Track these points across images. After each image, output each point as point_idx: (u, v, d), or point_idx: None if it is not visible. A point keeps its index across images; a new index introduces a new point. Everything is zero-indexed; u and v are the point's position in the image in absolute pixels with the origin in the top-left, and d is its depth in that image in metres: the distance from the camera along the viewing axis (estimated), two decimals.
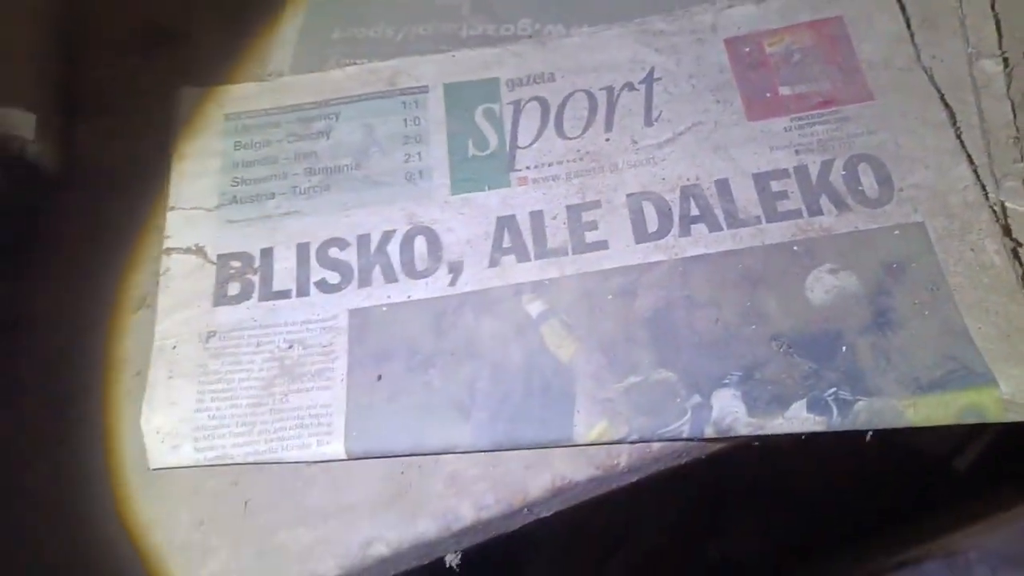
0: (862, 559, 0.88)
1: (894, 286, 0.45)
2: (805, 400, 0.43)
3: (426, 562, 0.45)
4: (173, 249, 0.52)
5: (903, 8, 0.53)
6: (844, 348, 0.44)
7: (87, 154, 0.58)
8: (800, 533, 0.94)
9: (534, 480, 0.44)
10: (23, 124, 0.55)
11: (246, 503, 0.45)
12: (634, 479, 0.45)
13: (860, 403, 0.43)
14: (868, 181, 0.48)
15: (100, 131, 0.58)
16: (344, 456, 0.45)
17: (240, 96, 0.58)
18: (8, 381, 0.51)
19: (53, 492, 0.47)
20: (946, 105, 0.50)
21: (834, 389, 0.43)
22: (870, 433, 0.43)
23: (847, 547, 0.91)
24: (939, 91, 0.50)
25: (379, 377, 0.47)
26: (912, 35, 0.52)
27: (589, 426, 0.44)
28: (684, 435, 0.43)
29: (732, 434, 0.43)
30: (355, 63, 0.58)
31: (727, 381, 0.44)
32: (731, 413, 0.43)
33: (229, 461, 0.46)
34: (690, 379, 0.44)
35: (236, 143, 0.56)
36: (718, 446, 0.45)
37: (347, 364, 0.47)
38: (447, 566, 0.46)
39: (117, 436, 0.48)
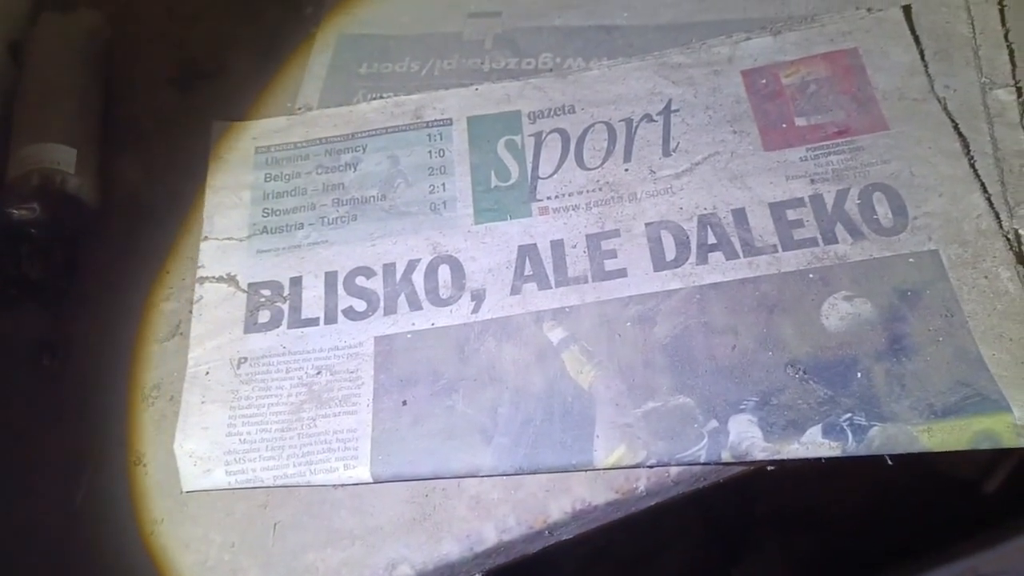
0: None
1: (909, 313, 0.46)
2: (821, 425, 0.44)
3: None
4: (206, 278, 0.54)
5: (917, 40, 0.54)
6: (859, 374, 0.45)
7: (124, 186, 0.60)
8: (824, 559, 0.94)
9: (555, 503, 0.45)
10: (64, 158, 0.58)
11: (275, 525, 0.47)
12: (652, 503, 0.46)
13: (875, 428, 0.43)
14: (883, 210, 0.49)
15: (137, 164, 0.61)
16: (370, 480, 0.46)
17: (270, 129, 0.60)
18: (47, 404, 0.53)
19: (91, 513, 0.49)
20: (960, 134, 0.50)
21: (849, 415, 0.44)
22: (889, 458, 0.43)
23: (873, 573, 0.90)
24: (953, 121, 0.51)
25: (404, 402, 0.48)
26: (926, 66, 0.53)
27: (608, 451, 0.45)
28: (701, 460, 0.44)
29: (748, 459, 0.44)
30: (381, 97, 0.60)
31: (744, 406, 0.45)
32: (748, 438, 0.44)
33: (259, 484, 0.47)
34: (707, 404, 0.45)
35: (267, 175, 0.58)
36: (736, 471, 0.46)
37: (373, 390, 0.49)
38: None
39: (151, 459, 0.49)
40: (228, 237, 0.55)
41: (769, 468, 0.45)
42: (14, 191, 0.56)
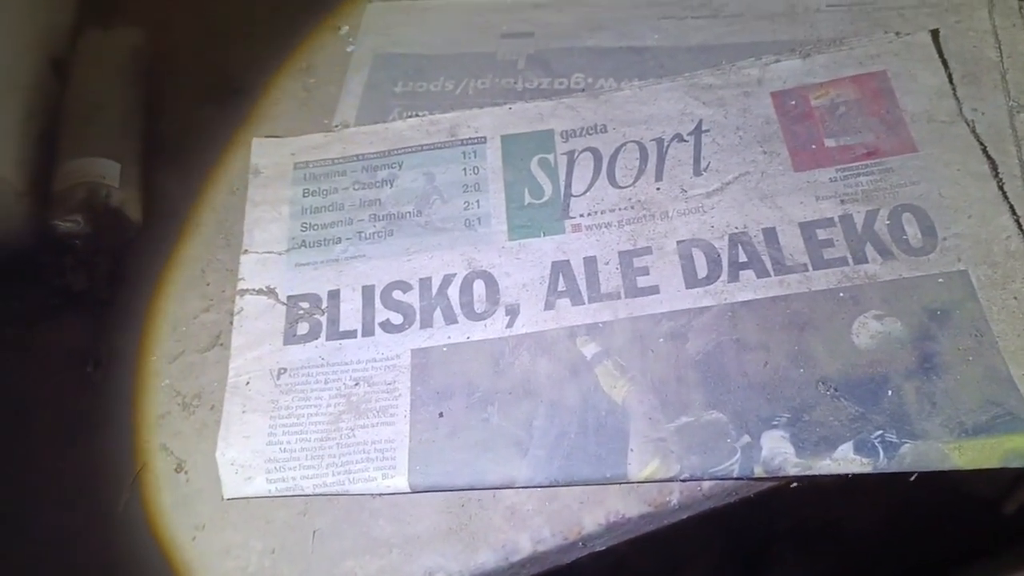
0: None
1: (938, 332, 0.46)
2: (852, 442, 0.44)
3: None
4: (246, 290, 0.55)
5: (945, 63, 0.55)
6: (890, 392, 0.46)
7: (165, 200, 0.62)
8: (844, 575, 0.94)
9: (588, 515, 0.46)
10: (109, 172, 0.59)
11: (314, 532, 0.48)
12: (685, 516, 0.46)
13: (906, 446, 0.44)
14: (912, 230, 0.50)
15: (177, 179, 0.62)
16: (408, 489, 0.47)
17: (308, 146, 0.61)
18: (90, 412, 0.54)
19: (133, 519, 0.50)
20: (988, 157, 0.51)
21: (880, 432, 0.44)
22: (915, 475, 0.44)
23: None
24: (981, 143, 0.52)
25: (440, 414, 0.49)
26: (954, 89, 0.54)
27: (642, 464, 0.46)
28: (734, 474, 0.45)
29: (781, 474, 0.45)
30: (417, 115, 0.61)
31: (776, 422, 0.46)
32: (780, 454, 0.45)
33: (299, 492, 0.48)
34: (740, 420, 0.46)
35: (305, 190, 0.59)
36: (767, 486, 0.46)
37: (410, 401, 0.50)
38: None
39: (192, 467, 0.50)
40: (268, 251, 0.57)
41: (793, 485, 0.45)
42: (60, 204, 0.58)
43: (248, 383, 0.52)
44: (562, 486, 0.47)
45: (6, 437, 0.54)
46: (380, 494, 0.48)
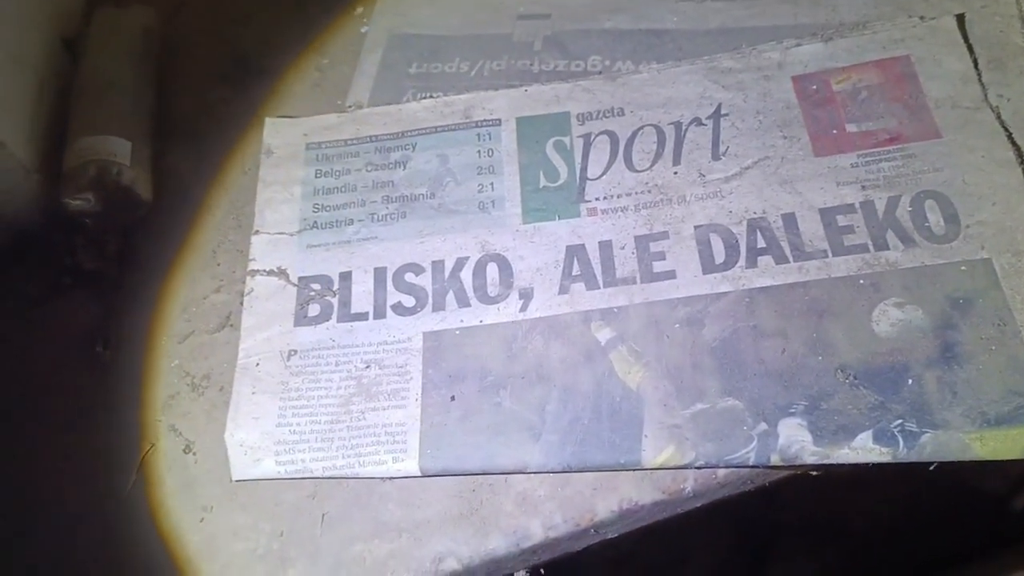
0: None
1: (960, 321, 0.45)
2: (871, 431, 0.43)
3: None
4: (257, 271, 0.55)
5: (971, 48, 0.54)
6: (910, 381, 0.45)
7: (176, 180, 0.61)
8: (852, 570, 0.93)
9: (601, 502, 0.45)
10: (120, 150, 0.58)
11: (323, 516, 0.47)
12: (698, 504, 0.45)
13: (926, 435, 0.43)
14: (935, 217, 0.49)
15: (189, 158, 0.61)
16: (418, 473, 0.47)
17: (321, 126, 0.60)
18: (99, 392, 0.53)
19: (141, 499, 0.49)
20: (1014, 143, 0.50)
21: (900, 421, 0.43)
22: (934, 465, 0.43)
23: None
24: (1006, 130, 0.51)
25: (452, 398, 0.48)
26: (979, 74, 0.53)
27: (656, 451, 0.45)
28: (750, 462, 0.44)
29: (798, 463, 0.44)
30: (431, 96, 0.60)
31: (793, 410, 0.45)
32: (797, 442, 0.44)
33: (308, 475, 0.48)
34: (757, 407, 0.45)
35: (317, 171, 0.58)
36: (782, 474, 0.46)
37: (421, 384, 0.49)
38: None
39: (201, 448, 0.50)
40: (279, 231, 0.56)
41: (814, 473, 0.44)
42: (70, 182, 0.57)
43: (258, 364, 0.51)
44: (574, 472, 0.46)
45: (15, 417, 0.53)
46: (390, 478, 0.47)
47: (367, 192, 0.57)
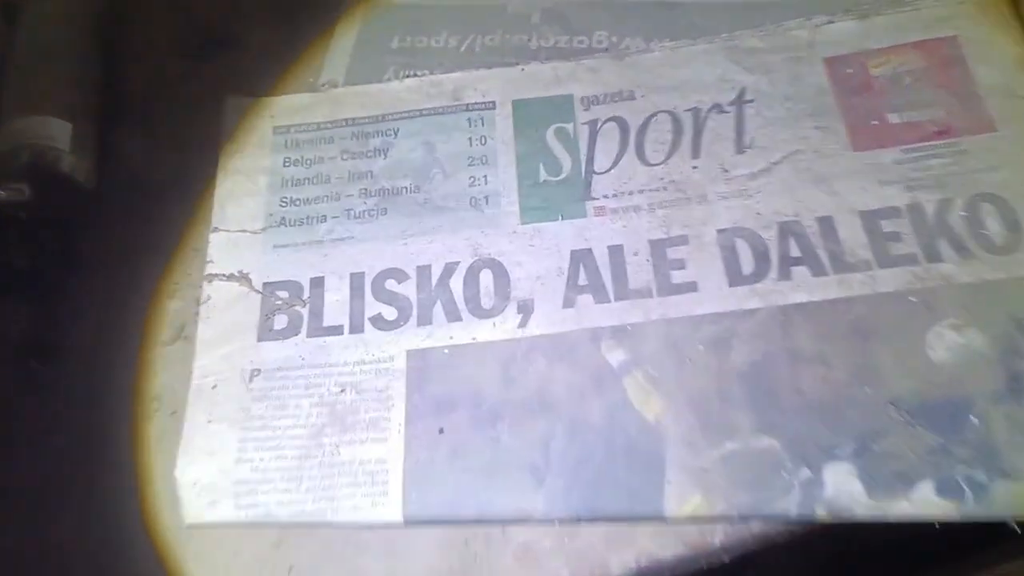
0: None
1: None
2: (933, 480, 0.36)
3: None
4: (215, 275, 0.46)
5: None
6: (973, 418, 0.37)
7: (125, 167, 0.52)
8: None
9: (616, 557, 0.38)
10: (58, 134, 0.50)
11: (291, 568, 0.39)
12: (728, 559, 0.38)
13: (998, 486, 0.35)
14: (993, 224, 0.41)
15: (140, 143, 0.53)
16: (401, 521, 0.39)
17: (291, 107, 0.52)
18: (36, 416, 0.45)
19: (80, 546, 0.41)
20: None
21: (965, 467, 0.36)
22: (1013, 525, 0.35)
23: None
24: None
25: (440, 430, 0.41)
26: None
27: (682, 499, 0.37)
28: (792, 515, 0.36)
29: (848, 517, 0.36)
30: (416, 75, 0.52)
31: (840, 453, 0.37)
32: (846, 492, 0.36)
33: (273, 521, 0.40)
34: (796, 448, 0.38)
35: (286, 159, 0.50)
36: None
37: (405, 413, 0.41)
38: None
39: (150, 486, 0.41)
40: (241, 229, 0.47)
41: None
42: (1, 169, 0.48)
43: (215, 387, 0.43)
44: (585, 522, 0.38)
45: None
46: (369, 526, 0.39)
47: (342, 184, 0.48)
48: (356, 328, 0.44)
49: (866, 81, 0.47)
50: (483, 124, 0.49)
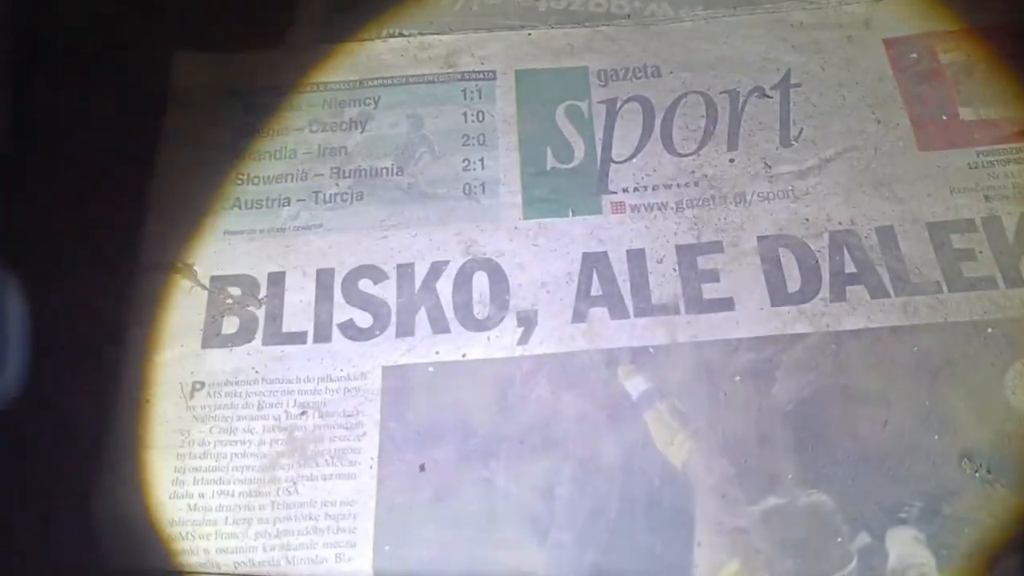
0: None
1: None
2: (1017, 551, 0.31)
3: None
4: (153, 265, 0.41)
5: None
6: None
7: (49, 129, 0.46)
8: None
9: None
10: None
11: None
12: None
13: None
14: None
15: (68, 103, 0.47)
16: None
17: (251, 67, 0.47)
18: None
19: None
20: None
21: None
22: None
23: None
24: None
25: (421, 467, 0.36)
26: None
27: (715, 565, 0.34)
28: None
29: None
30: (401, 35, 0.47)
31: (905, 515, 0.34)
32: (914, 565, 0.32)
33: (215, 572, 0.35)
34: (853, 508, 0.34)
35: (243, 127, 0.45)
36: None
37: (379, 444, 0.37)
38: None
39: (62, 523, 0.36)
40: (187, 210, 0.43)
41: None
42: None
43: (147, 402, 0.37)
44: None
45: None
46: None
47: (311, 161, 0.44)
48: (322, 336, 0.39)
49: (935, 69, 0.43)
50: (481, 97, 0.45)
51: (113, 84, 0.48)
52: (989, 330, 0.37)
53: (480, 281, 0.40)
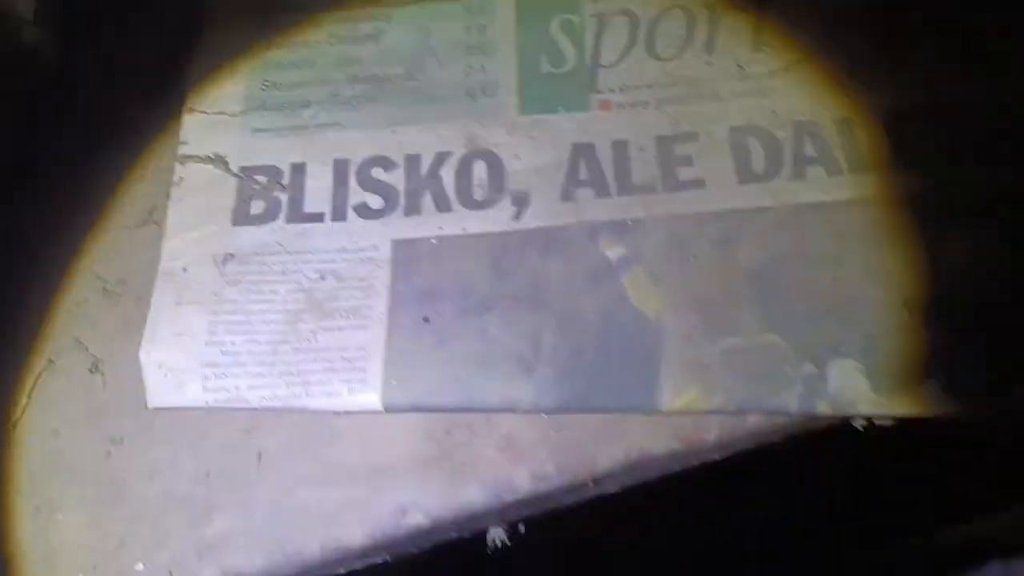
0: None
1: None
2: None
3: (467, 535, 0.41)
4: (189, 157, 0.49)
5: None
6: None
7: (95, 43, 0.54)
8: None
9: (604, 450, 0.40)
10: (21, 2, 0.51)
11: (260, 455, 0.42)
12: (719, 456, 0.40)
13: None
14: None
15: (112, 16, 0.54)
16: (380, 408, 0.41)
17: None
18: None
19: (36, 428, 0.43)
20: None
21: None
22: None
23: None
24: None
25: (426, 319, 0.43)
26: None
27: (676, 392, 0.40)
28: (792, 409, 0.39)
29: (851, 412, 0.39)
30: None
31: (847, 350, 0.40)
32: (851, 387, 0.39)
33: (243, 405, 0.42)
34: (802, 345, 0.40)
35: (269, 40, 0.52)
36: (821, 424, 0.41)
37: (388, 302, 0.44)
38: (491, 543, 0.41)
39: (111, 367, 0.44)
40: (219, 111, 0.50)
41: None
42: None
43: (185, 269, 0.45)
44: (574, 413, 0.40)
45: None
46: (346, 412, 0.42)
47: (329, 69, 0.51)
48: (339, 216, 0.46)
49: None
50: (483, 12, 0.51)
51: (152, 5, 0.55)
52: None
53: (480, 168, 0.47)
